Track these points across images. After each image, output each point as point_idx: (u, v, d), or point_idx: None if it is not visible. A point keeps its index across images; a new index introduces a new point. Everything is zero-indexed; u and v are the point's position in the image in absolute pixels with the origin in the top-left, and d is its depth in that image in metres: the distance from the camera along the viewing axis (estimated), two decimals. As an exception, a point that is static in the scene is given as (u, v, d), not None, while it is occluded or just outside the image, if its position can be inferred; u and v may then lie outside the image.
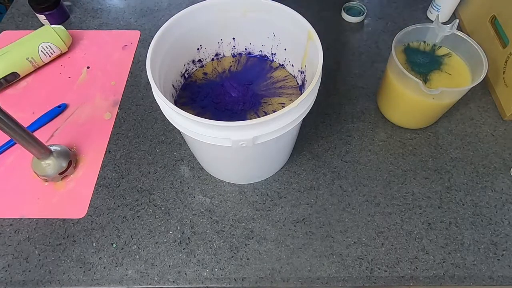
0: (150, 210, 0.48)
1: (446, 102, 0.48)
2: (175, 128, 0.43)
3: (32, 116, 0.56)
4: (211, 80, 0.49)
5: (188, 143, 0.48)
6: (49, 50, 0.60)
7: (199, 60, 0.49)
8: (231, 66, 0.50)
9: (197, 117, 0.33)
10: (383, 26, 0.67)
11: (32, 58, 0.59)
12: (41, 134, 0.55)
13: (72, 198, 0.49)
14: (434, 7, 0.66)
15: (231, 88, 0.46)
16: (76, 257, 0.45)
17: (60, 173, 0.49)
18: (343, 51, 0.64)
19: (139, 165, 0.52)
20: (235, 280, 0.43)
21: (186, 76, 0.49)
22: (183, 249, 0.45)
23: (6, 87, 0.60)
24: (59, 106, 0.57)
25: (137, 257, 0.45)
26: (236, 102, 0.45)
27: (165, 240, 0.46)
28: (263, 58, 0.50)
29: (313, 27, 0.40)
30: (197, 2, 0.42)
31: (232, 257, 0.45)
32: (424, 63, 0.50)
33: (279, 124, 0.35)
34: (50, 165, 0.48)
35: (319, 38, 0.39)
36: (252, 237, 0.46)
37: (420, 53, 0.51)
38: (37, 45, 0.59)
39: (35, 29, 0.61)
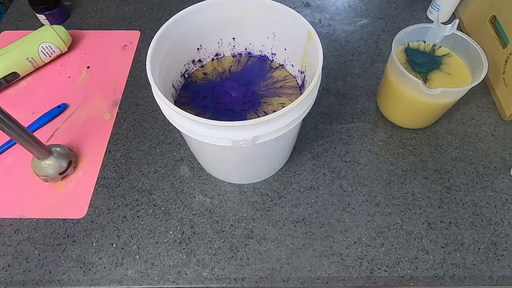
0: (150, 210, 0.48)
1: (446, 102, 0.48)
2: (175, 128, 0.43)
3: (32, 116, 0.56)
4: (211, 80, 0.49)
5: (188, 143, 0.48)
6: (49, 50, 0.60)
7: (199, 60, 0.49)
8: (231, 66, 0.50)
9: (197, 117, 0.33)
10: (383, 26, 0.67)
11: (32, 58, 0.59)
12: (41, 134, 0.55)
13: (72, 198, 0.49)
14: (434, 7, 0.66)
15: (231, 88, 0.46)
16: (76, 257, 0.45)
17: (60, 173, 0.49)
18: (343, 51, 0.64)
19: (139, 165, 0.52)
20: (235, 280, 0.43)
21: (186, 76, 0.49)
22: (183, 249, 0.45)
23: (6, 87, 0.60)
24: (59, 106, 0.57)
25: (137, 257, 0.45)
26: (236, 102, 0.45)
27: (165, 240, 0.46)
28: (263, 58, 0.50)
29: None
30: (197, 2, 0.42)
31: (232, 257, 0.45)
32: (424, 63, 0.50)
33: (279, 124, 0.35)
34: (50, 165, 0.48)
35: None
36: (252, 237, 0.46)
37: (420, 53, 0.51)
38: (37, 45, 0.59)
39: (35, 29, 0.61)
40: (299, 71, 0.47)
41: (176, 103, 0.46)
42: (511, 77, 0.53)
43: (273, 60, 0.50)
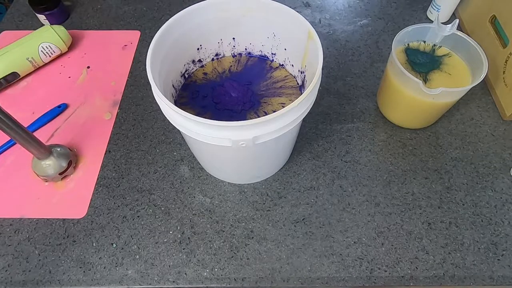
0: (150, 210, 0.48)
1: (446, 102, 0.48)
2: (175, 128, 0.43)
3: (32, 116, 0.56)
4: (211, 80, 0.49)
5: (188, 143, 0.48)
6: (49, 50, 0.60)
7: (199, 60, 0.49)
8: (231, 66, 0.50)
9: (197, 117, 0.33)
10: (383, 26, 0.67)
11: (32, 58, 0.59)
12: (41, 134, 0.55)
13: (72, 198, 0.49)
14: (434, 7, 0.66)
15: (231, 88, 0.46)
16: (76, 257, 0.45)
17: (60, 173, 0.49)
18: (343, 51, 0.64)
19: (139, 165, 0.52)
20: (235, 280, 0.43)
21: (186, 76, 0.49)
22: (183, 249, 0.45)
23: (6, 87, 0.60)
24: (59, 106, 0.57)
25: (137, 257, 0.45)
26: (236, 102, 0.45)
27: (165, 240, 0.46)
28: (263, 58, 0.50)
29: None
30: (197, 2, 0.42)
31: (232, 257, 0.45)
32: (424, 63, 0.50)
33: (279, 124, 0.35)
34: (50, 165, 0.48)
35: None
36: (252, 237, 0.46)
37: (420, 53, 0.51)
38: (37, 45, 0.59)
39: (35, 29, 0.61)
40: (299, 71, 0.47)
41: (176, 103, 0.46)
42: (511, 77, 0.53)
43: (273, 60, 0.50)
